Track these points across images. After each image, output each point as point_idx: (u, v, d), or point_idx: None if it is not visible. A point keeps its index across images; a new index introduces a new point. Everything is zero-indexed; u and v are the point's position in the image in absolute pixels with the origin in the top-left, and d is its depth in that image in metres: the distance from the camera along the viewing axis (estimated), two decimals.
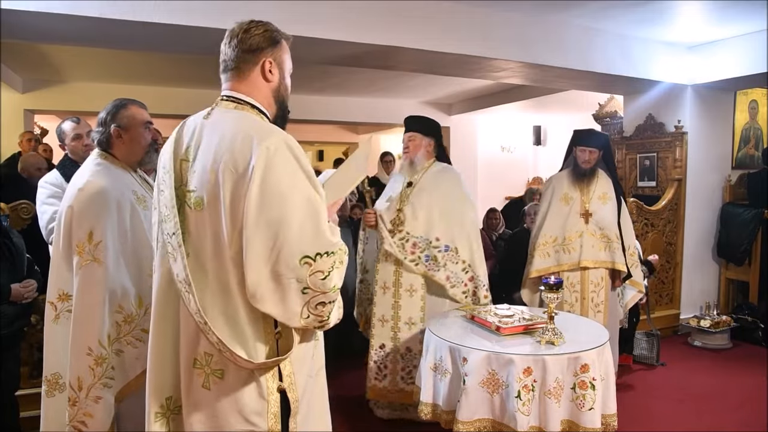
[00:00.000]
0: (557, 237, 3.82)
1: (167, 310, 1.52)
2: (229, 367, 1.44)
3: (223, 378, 1.44)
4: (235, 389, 1.44)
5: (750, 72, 5.00)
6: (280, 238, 1.34)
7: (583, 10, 4.44)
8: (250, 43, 1.54)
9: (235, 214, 1.37)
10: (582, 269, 3.77)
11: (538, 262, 3.83)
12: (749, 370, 4.56)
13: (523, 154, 10.66)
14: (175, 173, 1.50)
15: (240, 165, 1.37)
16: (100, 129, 2.26)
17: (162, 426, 1.53)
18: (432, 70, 5.12)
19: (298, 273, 1.35)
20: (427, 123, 3.62)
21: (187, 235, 1.46)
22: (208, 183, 1.42)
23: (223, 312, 1.43)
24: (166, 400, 1.54)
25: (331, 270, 1.38)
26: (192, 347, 1.47)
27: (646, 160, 5.97)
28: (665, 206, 5.58)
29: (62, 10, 3.17)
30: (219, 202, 1.40)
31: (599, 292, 3.79)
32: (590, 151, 3.80)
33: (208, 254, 1.44)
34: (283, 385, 1.47)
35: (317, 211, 1.38)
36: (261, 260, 1.35)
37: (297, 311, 1.38)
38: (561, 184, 3.91)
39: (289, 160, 1.38)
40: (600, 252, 3.75)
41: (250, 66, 1.55)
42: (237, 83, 1.55)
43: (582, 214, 3.80)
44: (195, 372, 1.46)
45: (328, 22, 3.80)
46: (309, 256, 1.35)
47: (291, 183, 1.36)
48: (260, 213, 1.33)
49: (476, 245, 3.47)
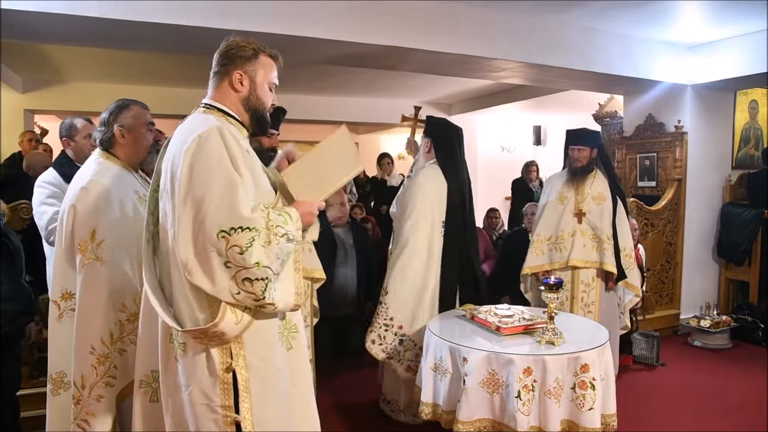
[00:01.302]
0: (551, 235, 3.87)
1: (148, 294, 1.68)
2: (189, 341, 1.58)
3: (185, 351, 1.59)
4: (192, 363, 1.59)
5: (750, 72, 5.00)
6: (201, 213, 1.49)
7: (583, 10, 4.44)
8: (225, 57, 1.73)
9: (169, 199, 1.59)
10: (572, 269, 3.79)
11: (531, 260, 3.89)
12: (749, 370, 4.56)
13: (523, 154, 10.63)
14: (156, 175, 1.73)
15: (176, 157, 1.57)
16: (102, 129, 2.27)
17: (146, 394, 1.75)
18: (432, 70, 5.12)
19: (218, 246, 1.47)
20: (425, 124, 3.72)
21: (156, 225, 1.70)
22: (164, 180, 1.62)
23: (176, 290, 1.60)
24: (152, 372, 1.71)
25: (249, 246, 1.48)
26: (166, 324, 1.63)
27: (646, 160, 5.97)
28: (665, 206, 5.58)
29: (62, 10, 3.17)
30: (165, 192, 1.62)
31: (590, 293, 3.80)
32: (579, 149, 3.83)
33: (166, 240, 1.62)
34: (233, 363, 1.57)
35: (235, 190, 1.52)
36: (188, 236, 1.50)
37: (225, 285, 1.50)
38: (557, 183, 3.96)
39: (217, 145, 1.54)
40: (590, 252, 3.78)
41: (222, 77, 1.74)
42: (212, 91, 1.76)
43: (576, 213, 3.83)
44: (170, 346, 1.63)
45: (328, 22, 3.80)
46: (224, 230, 1.47)
47: (215, 165, 1.52)
48: (187, 192, 1.51)
49: None
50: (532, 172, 6.80)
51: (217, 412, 1.56)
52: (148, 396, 1.70)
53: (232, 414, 1.56)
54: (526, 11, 4.46)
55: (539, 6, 4.34)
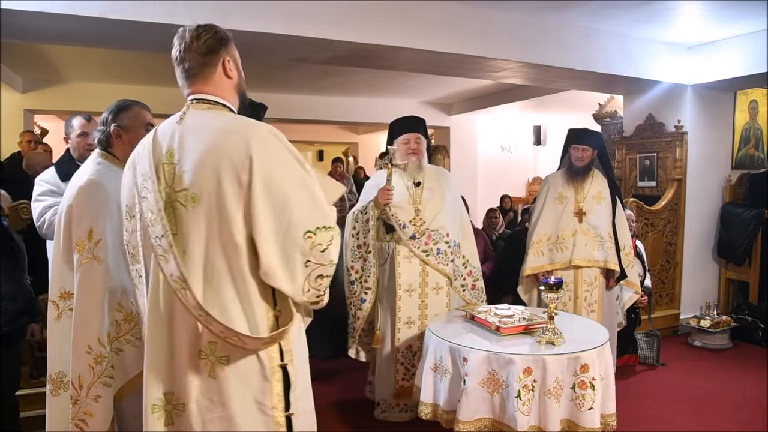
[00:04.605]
0: (551, 236, 3.84)
1: (160, 311, 1.55)
2: (234, 352, 1.51)
3: (228, 363, 1.51)
4: (240, 373, 1.52)
5: (750, 72, 4.99)
6: (285, 219, 1.47)
7: (583, 10, 4.44)
8: (206, 48, 1.61)
9: (238, 205, 1.48)
10: (575, 268, 3.78)
11: (531, 260, 3.85)
12: (749, 370, 4.56)
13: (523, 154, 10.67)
14: (158, 177, 1.55)
15: (237, 160, 1.47)
16: (101, 128, 2.27)
17: (160, 418, 1.57)
18: (432, 70, 5.13)
19: (303, 246, 1.48)
20: (425, 125, 3.68)
21: (177, 234, 1.52)
22: (205, 179, 1.49)
23: (224, 299, 1.50)
24: (165, 395, 1.57)
25: (329, 243, 1.51)
26: (194, 341, 1.52)
27: (646, 160, 5.97)
28: (665, 206, 5.58)
29: (62, 10, 3.17)
30: (220, 196, 1.48)
31: (593, 292, 3.80)
32: (583, 149, 3.82)
33: (202, 247, 1.51)
34: (284, 361, 1.56)
35: (312, 190, 1.53)
36: (271, 241, 1.47)
37: (301, 285, 1.51)
38: (556, 183, 3.94)
39: (280, 148, 1.52)
40: (593, 251, 3.77)
41: (211, 69, 1.63)
42: (203, 86, 1.63)
43: (576, 213, 3.82)
44: (200, 363, 1.52)
45: (328, 22, 3.80)
46: (310, 230, 1.49)
47: (286, 169, 1.51)
48: (266, 201, 1.46)
49: (471, 240, 3.68)
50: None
51: (268, 414, 1.54)
52: (162, 420, 1.57)
53: (282, 413, 1.55)
54: (525, 11, 4.46)
55: (539, 6, 4.34)
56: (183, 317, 1.52)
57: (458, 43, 4.29)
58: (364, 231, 3.45)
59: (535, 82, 5.64)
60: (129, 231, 1.67)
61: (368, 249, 3.44)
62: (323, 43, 3.94)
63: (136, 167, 1.63)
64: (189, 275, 1.47)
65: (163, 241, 1.49)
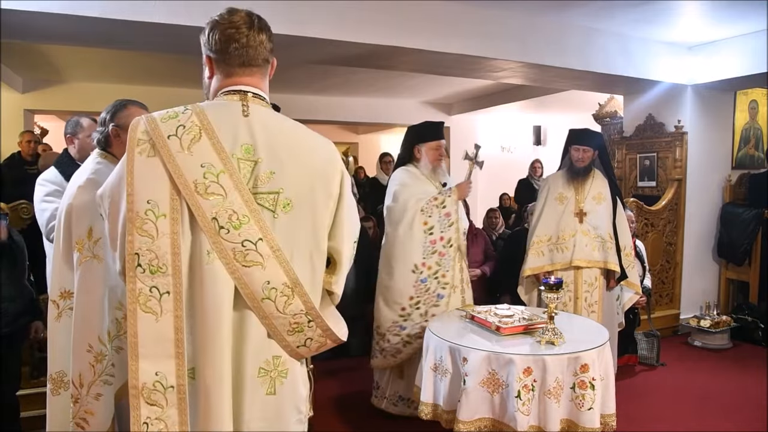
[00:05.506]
0: (551, 236, 3.84)
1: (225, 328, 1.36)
2: (295, 364, 1.48)
3: (287, 376, 1.45)
4: (295, 383, 1.49)
5: (750, 72, 5.00)
6: (352, 230, 1.56)
7: (583, 10, 4.44)
8: (272, 44, 1.51)
9: (326, 214, 1.48)
10: (575, 269, 3.78)
11: (532, 261, 3.85)
12: (749, 370, 4.56)
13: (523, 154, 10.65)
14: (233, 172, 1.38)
15: (329, 172, 1.49)
16: (100, 129, 2.28)
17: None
18: (432, 70, 5.13)
19: (353, 254, 1.59)
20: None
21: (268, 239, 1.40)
22: (300, 185, 1.43)
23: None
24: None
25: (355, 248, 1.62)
26: (257, 357, 1.40)
27: (646, 160, 5.97)
28: (665, 206, 5.58)
29: (62, 10, 3.17)
30: (314, 204, 1.46)
31: (593, 292, 3.80)
32: (584, 149, 3.81)
33: (289, 253, 1.41)
34: (310, 365, 1.60)
35: (356, 207, 1.65)
36: (346, 250, 1.53)
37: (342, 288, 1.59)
38: (556, 183, 3.93)
39: (346, 172, 1.58)
40: (593, 252, 3.77)
41: (268, 66, 1.54)
42: (260, 81, 1.51)
43: (576, 213, 3.82)
44: (258, 382, 1.41)
45: (328, 22, 3.80)
46: (356, 240, 1.60)
47: (351, 188, 1.63)
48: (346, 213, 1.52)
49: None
50: (537, 169, 7.55)
51: (303, 422, 1.53)
52: None
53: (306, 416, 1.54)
54: (525, 11, 4.46)
55: (539, 6, 4.34)
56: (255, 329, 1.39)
57: (458, 43, 4.29)
58: (441, 224, 3.44)
59: (535, 82, 5.64)
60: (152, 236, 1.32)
61: (449, 242, 3.46)
62: (323, 43, 3.94)
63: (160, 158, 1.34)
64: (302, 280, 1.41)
65: (261, 245, 1.35)
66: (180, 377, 1.35)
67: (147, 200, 1.31)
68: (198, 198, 1.33)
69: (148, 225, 1.31)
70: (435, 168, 3.62)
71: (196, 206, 1.33)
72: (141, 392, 1.36)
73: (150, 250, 1.32)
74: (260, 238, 1.35)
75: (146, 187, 1.32)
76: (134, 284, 1.32)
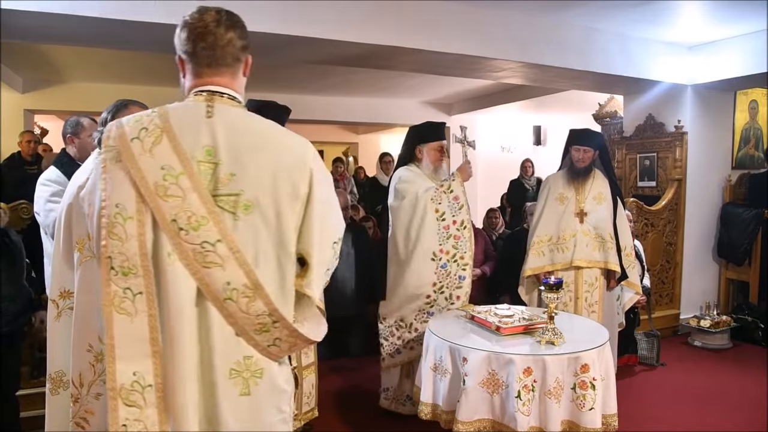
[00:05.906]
0: (552, 236, 3.84)
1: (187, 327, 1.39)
2: (271, 364, 1.45)
3: (262, 376, 1.44)
4: (273, 383, 1.46)
5: (750, 72, 5.00)
6: (327, 231, 1.50)
7: (583, 10, 4.44)
8: (243, 42, 1.47)
9: (293, 216, 1.43)
10: (576, 269, 3.78)
11: (532, 261, 3.85)
12: (749, 370, 4.56)
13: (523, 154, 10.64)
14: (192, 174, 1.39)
15: (296, 172, 1.44)
16: (101, 129, 2.27)
17: None
18: (432, 70, 5.13)
19: (330, 256, 1.53)
20: None
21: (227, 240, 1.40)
22: (261, 187, 1.40)
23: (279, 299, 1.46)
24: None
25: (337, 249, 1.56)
26: (227, 358, 1.40)
27: (646, 160, 5.97)
28: (665, 206, 5.58)
29: (62, 10, 3.17)
30: (278, 206, 1.42)
31: (593, 292, 3.80)
32: (584, 150, 3.81)
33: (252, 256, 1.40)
34: (293, 365, 1.59)
35: (338, 207, 1.59)
36: (317, 252, 1.47)
37: (321, 290, 1.53)
38: (557, 183, 3.94)
39: (323, 167, 1.53)
40: (594, 252, 3.77)
41: (240, 65, 1.50)
42: (230, 81, 1.48)
43: (577, 213, 3.82)
44: (231, 383, 1.40)
45: (328, 22, 3.80)
46: (336, 241, 1.54)
47: (329, 187, 1.54)
48: (318, 213, 1.46)
49: None
50: (528, 168, 7.42)
51: (288, 421, 1.51)
52: None
53: (291, 415, 1.53)
54: (525, 11, 4.46)
55: (539, 6, 4.34)
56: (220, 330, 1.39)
57: (458, 43, 4.29)
58: (452, 209, 3.52)
59: (535, 82, 5.64)
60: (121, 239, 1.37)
61: (462, 224, 3.51)
62: (323, 43, 3.94)
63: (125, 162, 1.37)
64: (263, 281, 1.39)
65: (220, 246, 1.35)
66: (158, 375, 1.37)
67: (116, 204, 1.36)
68: (158, 200, 1.35)
69: (118, 228, 1.36)
70: (436, 168, 3.66)
71: (156, 208, 1.35)
72: (119, 393, 1.38)
73: (121, 252, 1.36)
74: (219, 239, 1.36)
75: (115, 191, 1.37)
76: (109, 287, 1.38)
